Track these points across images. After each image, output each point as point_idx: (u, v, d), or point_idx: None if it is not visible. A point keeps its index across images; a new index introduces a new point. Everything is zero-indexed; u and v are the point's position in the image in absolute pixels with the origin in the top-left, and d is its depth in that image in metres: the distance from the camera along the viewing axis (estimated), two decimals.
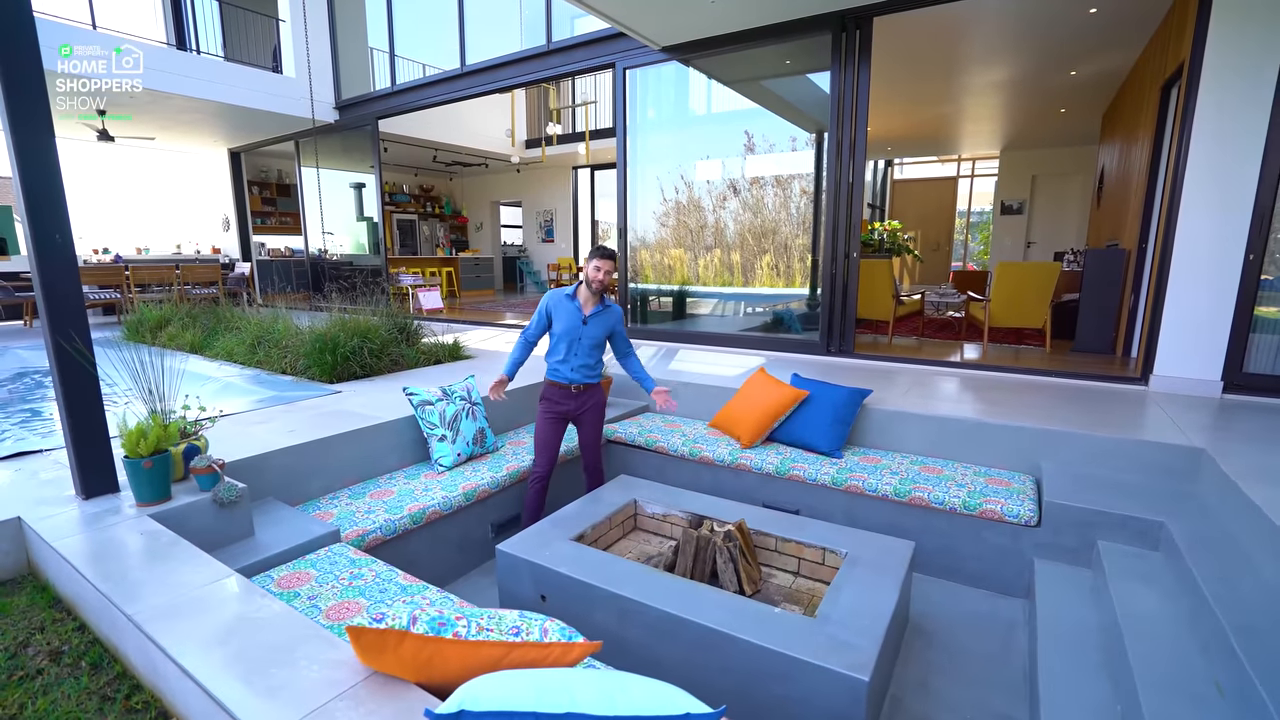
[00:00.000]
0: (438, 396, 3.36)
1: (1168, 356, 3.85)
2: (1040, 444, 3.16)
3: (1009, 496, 2.85)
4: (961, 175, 13.03)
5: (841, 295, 4.93)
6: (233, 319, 5.93)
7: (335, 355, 4.30)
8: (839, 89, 4.75)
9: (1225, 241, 3.60)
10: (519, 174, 13.32)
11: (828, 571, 2.59)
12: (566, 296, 3.04)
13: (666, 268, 6.22)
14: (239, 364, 5.04)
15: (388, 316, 5.06)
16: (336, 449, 3.01)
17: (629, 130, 5.91)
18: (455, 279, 12.63)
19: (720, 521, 2.72)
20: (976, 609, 2.78)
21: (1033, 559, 2.75)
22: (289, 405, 3.68)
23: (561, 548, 2.53)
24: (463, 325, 7.53)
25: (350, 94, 8.76)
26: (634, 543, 3.01)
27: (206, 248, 11.93)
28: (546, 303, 3.05)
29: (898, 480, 3.06)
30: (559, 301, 3.04)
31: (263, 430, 3.11)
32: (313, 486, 2.89)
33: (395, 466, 3.27)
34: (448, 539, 2.98)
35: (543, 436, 3.12)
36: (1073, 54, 5.71)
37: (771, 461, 3.37)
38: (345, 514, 2.68)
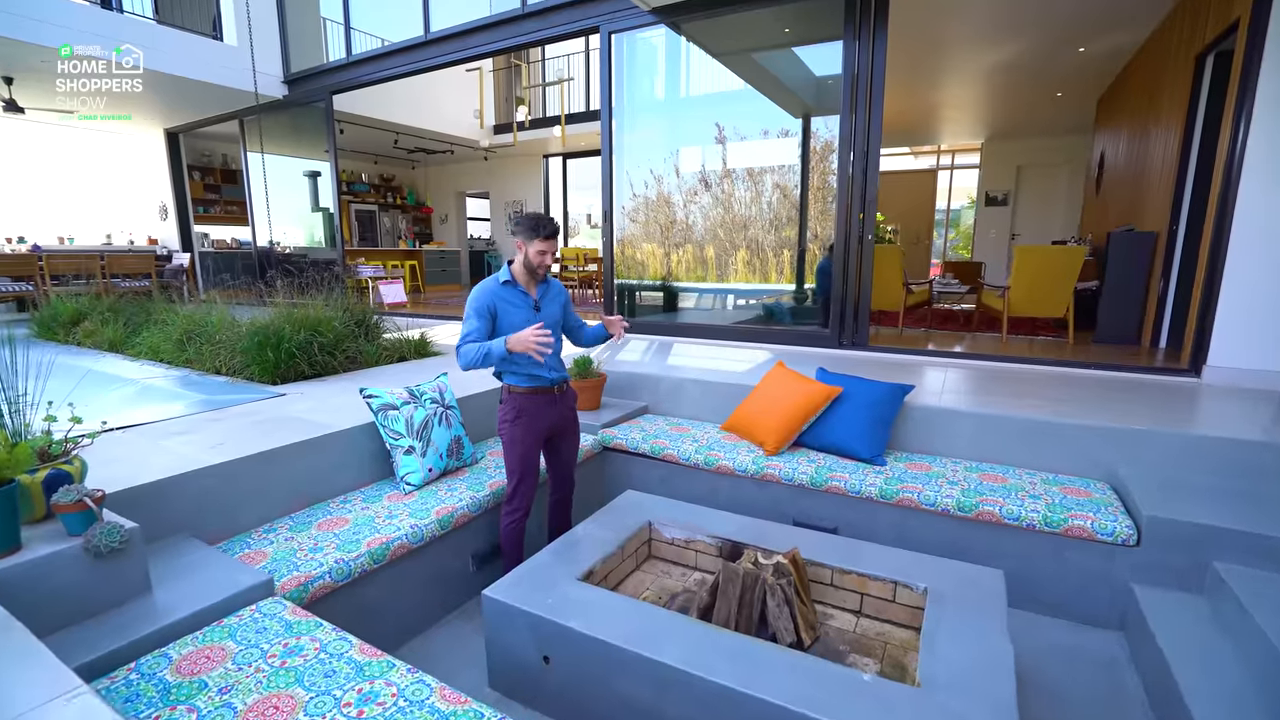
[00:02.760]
0: (403, 399, 2.76)
1: (1224, 346, 3.49)
2: (1111, 445, 2.74)
3: (1095, 510, 2.41)
4: (941, 168, 12.86)
5: (856, 282, 4.47)
6: (163, 313, 5.16)
7: (279, 351, 3.63)
8: (854, 58, 4.29)
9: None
10: (486, 162, 12.59)
11: (900, 611, 2.10)
12: (502, 286, 2.43)
13: (662, 255, 5.69)
14: (165, 363, 4.31)
15: (344, 309, 4.39)
16: (276, 467, 2.39)
17: (614, 106, 5.35)
18: (419, 272, 11.85)
19: (764, 551, 2.20)
20: (1063, 643, 2.33)
21: (1129, 584, 2.31)
22: (219, 412, 3.02)
23: (568, 591, 1.98)
24: (429, 320, 6.85)
25: (300, 67, 7.95)
26: (650, 575, 2.47)
27: (142, 238, 10.86)
28: (485, 301, 2.38)
29: (959, 491, 2.59)
30: (499, 295, 2.41)
31: (181, 445, 2.46)
32: (243, 517, 2.26)
33: (351, 487, 2.66)
34: (418, 578, 2.38)
35: (528, 461, 2.49)
36: (1085, 26, 5.38)
37: (805, 471, 2.87)
38: (283, 554, 2.07)
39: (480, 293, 2.40)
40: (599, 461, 3.49)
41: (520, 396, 2.46)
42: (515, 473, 2.48)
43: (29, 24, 6.08)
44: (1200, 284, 3.66)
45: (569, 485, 2.75)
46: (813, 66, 5.48)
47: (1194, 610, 2.11)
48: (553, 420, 2.55)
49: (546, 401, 2.50)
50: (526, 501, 2.52)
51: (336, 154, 7.88)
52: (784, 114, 5.58)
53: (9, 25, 5.96)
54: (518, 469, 2.47)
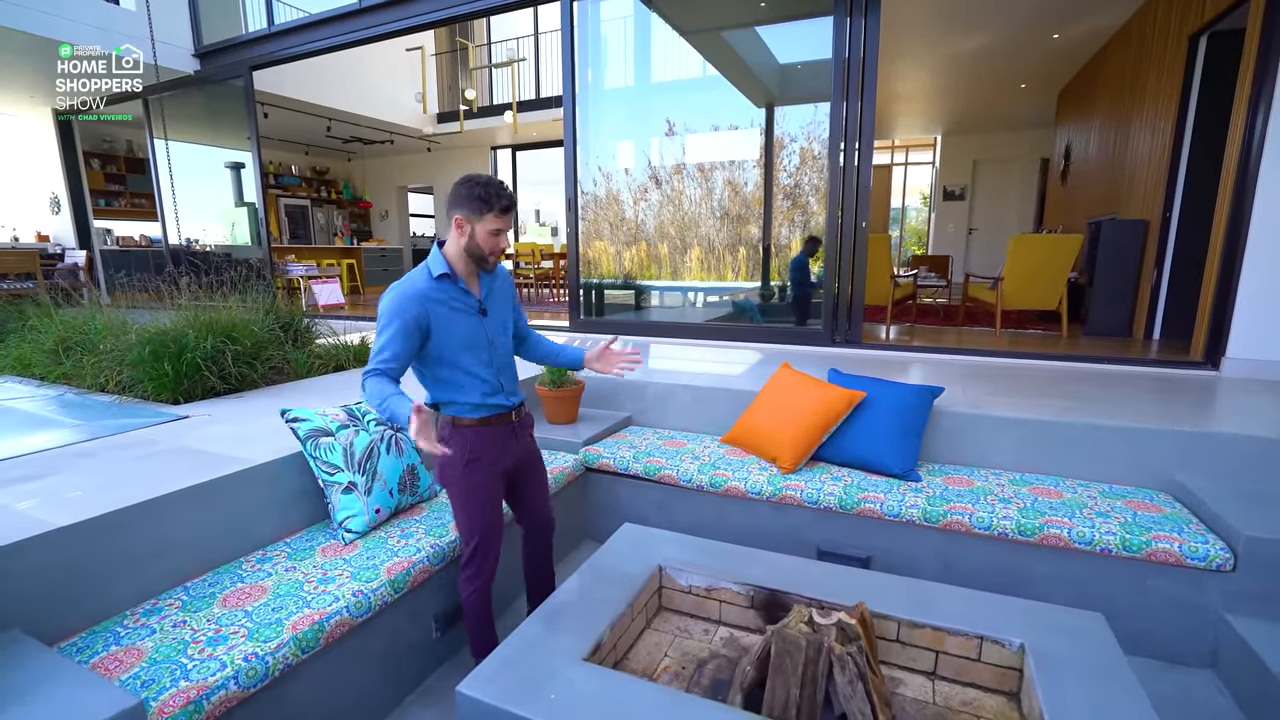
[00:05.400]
0: (340, 421, 2.17)
1: (1244, 337, 3.31)
2: (1166, 449, 2.44)
3: (1176, 529, 2.08)
4: (895, 164, 12.90)
5: (849, 275, 4.11)
6: (37, 319, 4.29)
7: (180, 362, 2.94)
8: (844, 37, 3.91)
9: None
10: (430, 153, 11.76)
11: (985, 672, 1.68)
12: (436, 282, 1.74)
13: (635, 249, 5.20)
14: (36, 378, 3.51)
15: (266, 311, 3.71)
16: (164, 520, 1.77)
17: (578, 83, 4.82)
18: (358, 272, 10.94)
19: (818, 604, 1.74)
20: (1155, 689, 1.97)
21: (1221, 614, 1.99)
22: (97, 443, 2.34)
23: (573, 678, 1.47)
24: (371, 323, 6.13)
25: (215, 38, 7.04)
26: (664, 635, 1.98)
27: (29, 233, 9.53)
28: (410, 311, 1.68)
29: (1016, 511, 2.23)
30: (430, 297, 1.72)
31: (21, 496, 1.81)
32: (113, 595, 1.63)
33: (271, 538, 2.05)
34: (365, 659, 1.81)
35: (491, 517, 1.87)
36: (1066, 6, 5.21)
37: (831, 491, 2.44)
38: (167, 652, 1.47)
39: (400, 298, 1.68)
40: (580, 486, 2.97)
41: (470, 431, 1.82)
42: (474, 533, 1.85)
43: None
44: (1214, 274, 3.46)
45: (549, 528, 2.15)
46: (778, 54, 5.17)
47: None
48: (518, 456, 1.96)
49: (506, 434, 1.89)
50: (490, 565, 1.91)
51: (259, 140, 7.01)
52: (748, 103, 5.26)
53: None
54: (477, 528, 1.85)
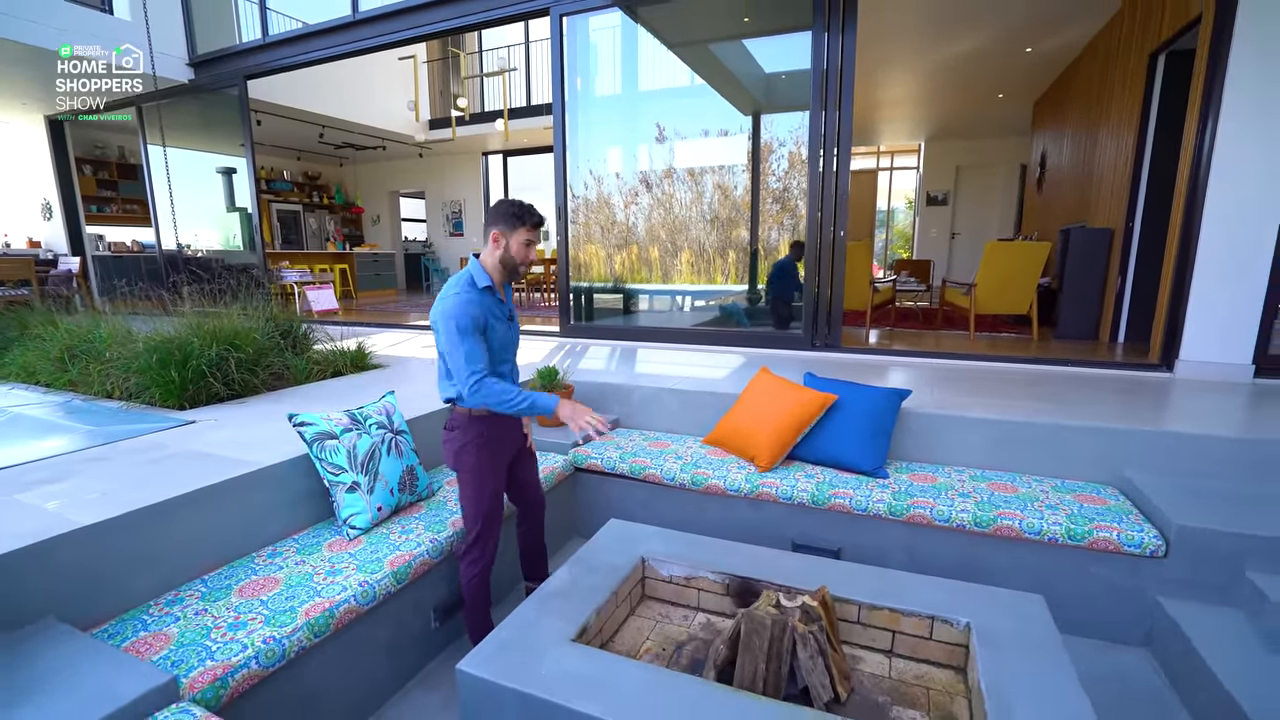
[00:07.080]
0: (343, 425, 2.32)
1: (1195, 340, 3.51)
2: (1114, 446, 2.62)
3: (1117, 519, 2.26)
4: (881, 169, 13.14)
5: (829, 280, 4.30)
6: (40, 327, 4.39)
7: (186, 369, 3.07)
8: (823, 49, 4.10)
9: (1260, 218, 3.28)
10: (422, 159, 11.88)
11: (937, 649, 1.86)
12: (481, 294, 1.99)
13: (622, 255, 5.36)
14: (42, 386, 3.63)
15: (267, 318, 3.84)
16: (180, 519, 1.91)
17: (568, 93, 4.98)
18: (351, 277, 11.03)
19: (785, 590, 1.91)
20: (1095, 668, 2.16)
21: (1155, 598, 2.18)
22: (109, 447, 2.48)
23: (562, 657, 1.63)
24: (366, 328, 6.26)
25: (209, 48, 7.15)
26: (647, 620, 2.14)
27: (21, 240, 9.57)
28: (476, 314, 1.93)
29: (973, 504, 2.41)
30: (484, 304, 1.97)
31: (46, 497, 1.94)
32: (136, 587, 1.77)
33: (281, 535, 2.20)
34: (371, 646, 1.96)
35: (495, 501, 2.12)
36: (1039, 20, 5.42)
37: (805, 488, 2.62)
38: (192, 635, 1.61)
39: (465, 304, 1.92)
40: (570, 485, 3.13)
41: (483, 421, 2.06)
42: (478, 516, 2.09)
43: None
44: (1169, 280, 3.67)
45: (540, 506, 2.43)
46: (764, 63, 5.35)
47: (1233, 624, 1.99)
48: (517, 444, 2.25)
49: (513, 424, 2.18)
50: (492, 548, 2.15)
51: (253, 147, 7.12)
52: (734, 111, 5.44)
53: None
54: (483, 511, 2.09)
